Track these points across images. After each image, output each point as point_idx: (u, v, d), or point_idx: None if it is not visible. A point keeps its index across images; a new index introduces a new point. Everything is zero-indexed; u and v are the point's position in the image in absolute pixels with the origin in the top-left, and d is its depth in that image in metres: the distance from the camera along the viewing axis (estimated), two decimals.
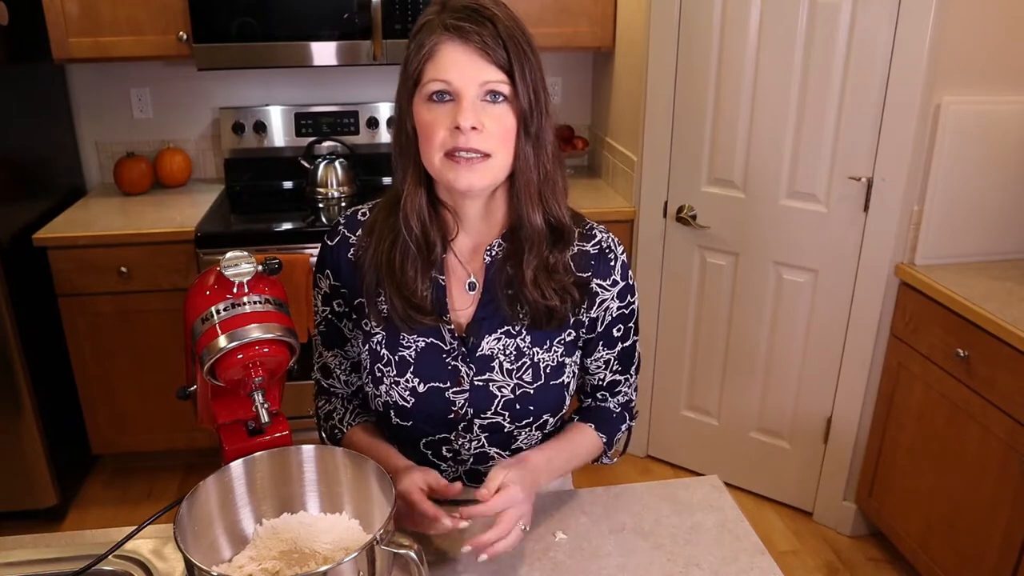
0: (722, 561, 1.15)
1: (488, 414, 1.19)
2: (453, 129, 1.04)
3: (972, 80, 2.18)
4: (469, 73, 1.03)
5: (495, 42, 1.03)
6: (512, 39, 1.04)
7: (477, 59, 1.03)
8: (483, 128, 1.04)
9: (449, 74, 1.03)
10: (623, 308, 1.23)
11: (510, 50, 1.04)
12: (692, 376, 2.85)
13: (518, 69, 1.04)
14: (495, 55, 1.03)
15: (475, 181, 1.07)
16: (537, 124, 1.08)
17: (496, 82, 1.04)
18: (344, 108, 3.05)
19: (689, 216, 2.64)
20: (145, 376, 2.71)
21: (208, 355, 0.98)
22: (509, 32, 1.04)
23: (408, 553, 0.91)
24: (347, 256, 1.20)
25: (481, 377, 1.18)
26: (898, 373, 2.34)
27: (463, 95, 1.03)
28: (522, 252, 1.14)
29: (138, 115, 3.04)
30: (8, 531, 1.24)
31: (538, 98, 1.07)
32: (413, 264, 1.14)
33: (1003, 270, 2.25)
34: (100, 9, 2.57)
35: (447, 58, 1.04)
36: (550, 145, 1.12)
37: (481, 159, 1.05)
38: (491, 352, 1.18)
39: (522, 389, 1.18)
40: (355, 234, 1.21)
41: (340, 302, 1.23)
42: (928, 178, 2.23)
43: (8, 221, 2.45)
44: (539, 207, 1.13)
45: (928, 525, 2.25)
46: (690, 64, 2.52)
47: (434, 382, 1.18)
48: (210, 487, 1.01)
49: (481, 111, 1.04)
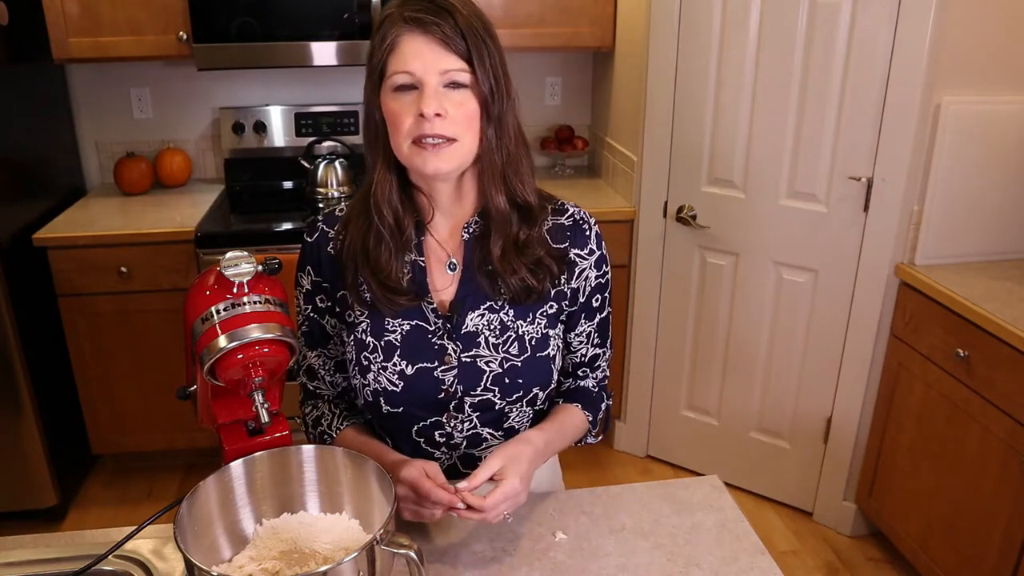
0: (722, 561, 1.15)
1: (478, 390, 1.20)
2: (418, 117, 1.08)
3: (972, 80, 2.18)
4: (430, 62, 1.07)
5: (454, 32, 1.07)
6: (470, 28, 1.08)
7: (437, 48, 1.07)
8: (446, 114, 1.08)
9: (411, 65, 1.07)
10: (600, 278, 1.27)
11: (468, 39, 1.08)
12: (692, 376, 2.85)
13: (477, 57, 1.08)
14: (454, 44, 1.07)
15: (441, 165, 1.11)
16: (499, 108, 1.12)
17: (456, 70, 1.08)
18: (344, 108, 3.05)
19: (689, 216, 2.64)
20: (145, 376, 2.71)
21: (208, 355, 0.98)
22: (467, 22, 1.08)
23: (408, 553, 0.91)
24: (327, 250, 1.23)
25: (468, 353, 1.19)
26: (898, 373, 2.34)
27: (426, 83, 1.07)
28: (491, 232, 1.18)
29: (138, 115, 3.04)
30: (8, 531, 1.24)
31: (498, 83, 1.11)
32: (387, 248, 1.17)
33: (1003, 270, 2.25)
34: (100, 9, 2.57)
35: (408, 49, 1.08)
36: (513, 128, 1.16)
37: (447, 144, 1.10)
38: (476, 328, 1.19)
39: (509, 362, 1.20)
40: (333, 228, 1.24)
41: (323, 297, 1.25)
42: (928, 178, 2.23)
43: (8, 221, 2.45)
44: (503, 188, 1.17)
45: (928, 525, 2.25)
46: (690, 64, 2.52)
47: (422, 362, 1.19)
48: (210, 487, 1.01)
49: (444, 98, 1.08)
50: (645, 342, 2.88)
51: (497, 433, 1.25)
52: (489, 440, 1.25)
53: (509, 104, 1.14)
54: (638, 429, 3.02)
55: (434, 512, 1.08)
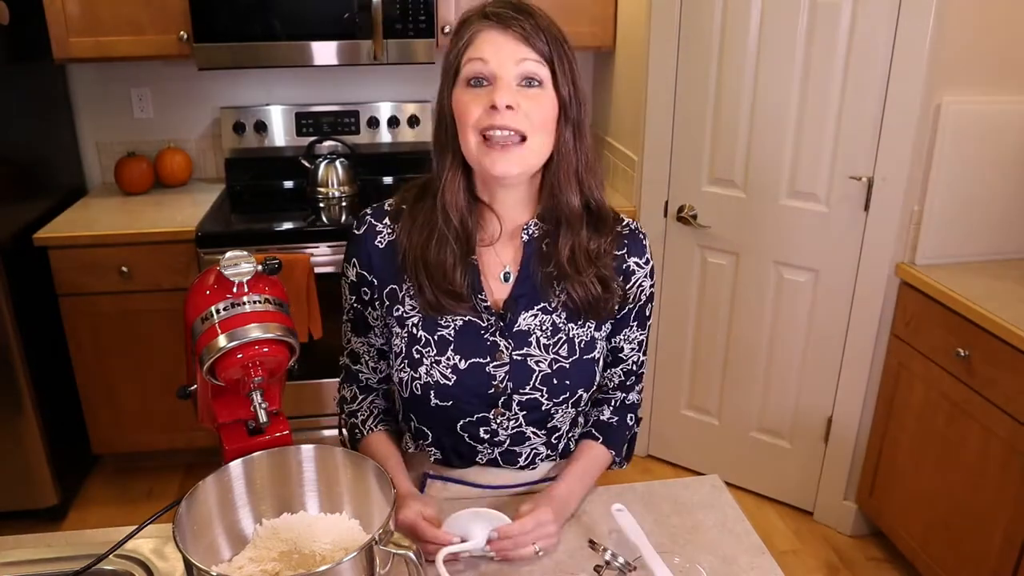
0: (722, 561, 1.15)
1: (527, 388, 1.21)
2: (489, 109, 1.07)
3: (972, 80, 2.18)
4: (507, 54, 1.07)
5: (534, 30, 1.08)
6: (550, 31, 1.10)
7: (516, 43, 1.07)
8: (519, 108, 1.07)
9: (485, 53, 1.07)
10: (652, 288, 1.28)
11: (548, 40, 1.09)
12: (693, 375, 2.85)
13: (557, 58, 1.09)
14: (533, 42, 1.08)
15: (510, 168, 1.09)
16: (577, 113, 1.13)
17: (534, 62, 1.08)
18: (345, 108, 3.05)
19: (690, 216, 2.64)
20: (145, 376, 2.71)
21: (208, 354, 0.98)
22: (547, 24, 1.10)
23: (407, 553, 0.92)
24: (375, 244, 1.22)
25: (520, 352, 1.20)
26: (898, 373, 2.34)
27: (499, 76, 1.07)
28: (559, 231, 1.17)
29: (139, 115, 3.04)
30: (8, 531, 1.24)
31: (576, 88, 1.12)
32: (452, 254, 1.16)
33: (1003, 270, 2.25)
34: (100, 9, 2.57)
35: (486, 43, 1.08)
36: (588, 135, 1.17)
37: (517, 143, 1.08)
38: (528, 328, 1.20)
39: (558, 364, 1.21)
40: (383, 221, 1.23)
41: (366, 291, 1.24)
42: (928, 178, 2.23)
43: (8, 221, 2.45)
44: (578, 190, 1.17)
45: (928, 525, 2.25)
46: (691, 64, 2.52)
47: (475, 358, 1.20)
48: (209, 487, 1.01)
49: (518, 93, 1.08)
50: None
51: (540, 432, 1.26)
52: (532, 439, 1.26)
53: (586, 112, 1.15)
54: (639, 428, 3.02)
55: (432, 552, 1.08)
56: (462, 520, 1.12)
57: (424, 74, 3.05)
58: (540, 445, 1.28)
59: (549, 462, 1.32)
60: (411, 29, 2.65)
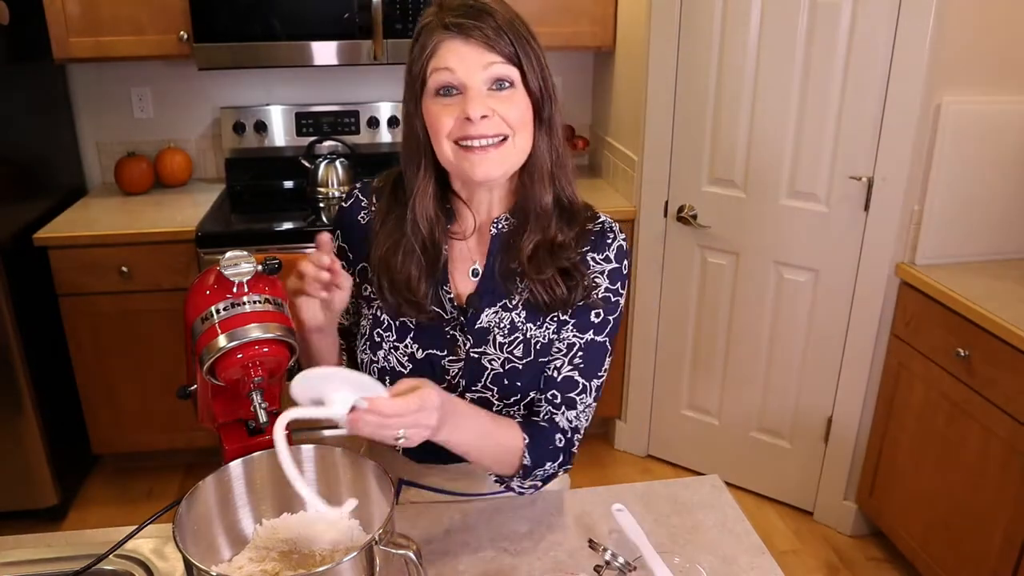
0: (722, 561, 1.15)
1: (478, 387, 1.19)
2: (462, 120, 1.05)
3: (972, 80, 2.18)
4: (472, 61, 1.05)
5: (497, 34, 1.04)
6: (513, 28, 1.06)
7: (480, 50, 1.04)
8: (493, 115, 1.06)
9: (451, 63, 1.05)
10: (609, 292, 1.19)
11: (513, 39, 1.05)
12: (692, 375, 2.85)
13: (524, 56, 1.06)
14: (499, 46, 1.05)
15: (492, 169, 1.09)
16: (548, 110, 1.11)
17: (501, 64, 1.05)
18: (345, 108, 3.05)
19: (690, 216, 2.64)
20: (145, 376, 2.71)
21: (208, 354, 0.98)
22: (509, 22, 1.06)
23: (407, 553, 0.91)
24: (357, 218, 1.24)
25: (477, 349, 1.19)
26: (898, 373, 2.34)
27: (469, 86, 1.05)
28: (526, 227, 1.16)
29: (139, 115, 3.04)
30: (8, 531, 1.24)
31: (546, 84, 1.10)
32: (418, 267, 1.15)
33: (1003, 270, 2.25)
34: (100, 9, 2.57)
35: (449, 52, 1.05)
36: (560, 129, 1.15)
37: (497, 144, 1.07)
38: (488, 325, 1.19)
39: (511, 364, 1.19)
40: (368, 198, 1.25)
41: (343, 264, 1.23)
42: (928, 178, 2.23)
43: (8, 221, 2.45)
44: (550, 187, 1.16)
45: (929, 525, 2.25)
46: (691, 64, 2.52)
47: (432, 349, 1.19)
48: (209, 487, 1.01)
49: (489, 99, 1.06)
50: (645, 342, 2.88)
51: None
52: None
53: (556, 106, 1.13)
54: (639, 428, 3.02)
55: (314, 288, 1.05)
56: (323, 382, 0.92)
57: None
58: None
59: None
60: (411, 29, 2.63)
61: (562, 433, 1.19)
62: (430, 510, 1.25)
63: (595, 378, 1.21)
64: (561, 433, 1.19)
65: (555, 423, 1.19)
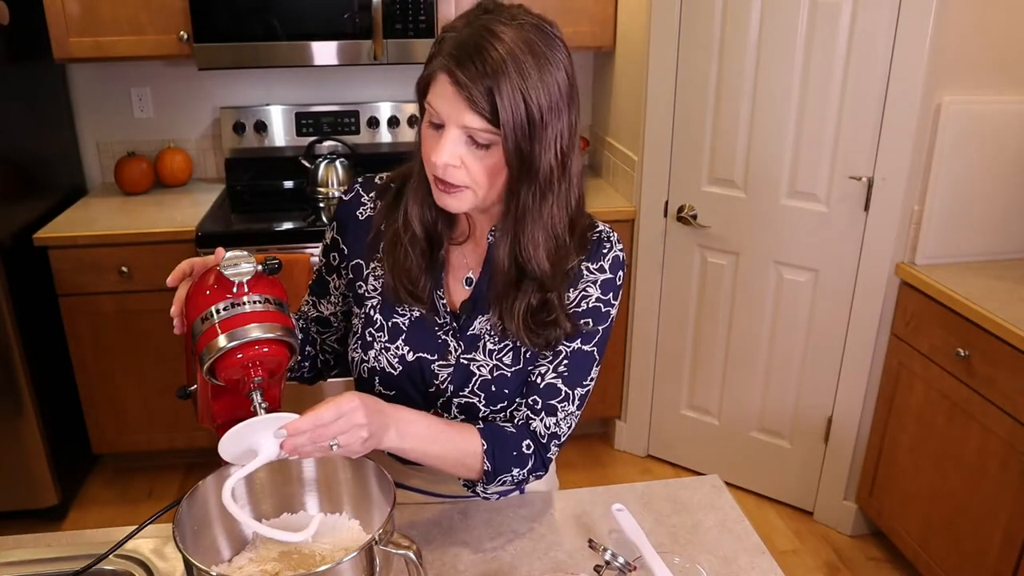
0: (722, 561, 1.15)
1: (465, 392, 1.19)
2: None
3: (972, 80, 2.18)
4: (454, 113, 1.00)
5: (481, 92, 0.97)
6: (519, 93, 0.98)
7: (464, 108, 0.99)
8: (461, 165, 1.02)
9: (438, 105, 1.02)
10: (600, 303, 1.17)
11: (512, 106, 0.98)
12: (692, 375, 2.85)
13: (518, 125, 0.99)
14: (483, 110, 0.98)
15: (456, 206, 1.07)
16: (546, 176, 1.04)
17: (477, 130, 1.00)
18: (345, 108, 3.05)
19: (690, 216, 2.64)
20: (145, 376, 2.71)
21: (208, 354, 0.98)
22: (516, 86, 0.97)
23: (407, 553, 0.92)
24: (355, 214, 1.23)
25: (467, 355, 1.18)
26: (898, 373, 2.34)
27: (446, 129, 1.02)
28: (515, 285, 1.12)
29: (139, 115, 3.04)
30: (8, 531, 1.24)
31: (555, 152, 1.02)
32: (417, 264, 1.15)
33: (1003, 270, 2.25)
34: (101, 9, 2.57)
35: (440, 94, 1.01)
36: (567, 194, 1.08)
37: (459, 189, 1.05)
38: (479, 332, 1.18)
39: (499, 371, 1.18)
40: (368, 194, 1.23)
41: (335, 256, 1.26)
42: (928, 178, 2.23)
43: (9, 221, 2.45)
44: (543, 247, 1.09)
45: (928, 525, 2.25)
46: (690, 64, 2.52)
47: (422, 352, 1.19)
48: (209, 487, 1.01)
49: (462, 147, 1.02)
50: (645, 341, 2.88)
51: None
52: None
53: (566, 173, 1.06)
54: (638, 428, 3.02)
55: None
56: (244, 435, 0.96)
57: None
58: None
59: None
60: (411, 29, 2.65)
61: (534, 439, 1.17)
62: (430, 510, 1.25)
63: (579, 387, 1.18)
64: (532, 439, 1.16)
65: (528, 428, 1.17)
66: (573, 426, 1.20)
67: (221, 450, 0.96)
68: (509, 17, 1.02)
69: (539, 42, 1.01)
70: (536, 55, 1.00)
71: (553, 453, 1.19)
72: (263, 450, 0.96)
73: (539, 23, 1.05)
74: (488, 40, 0.98)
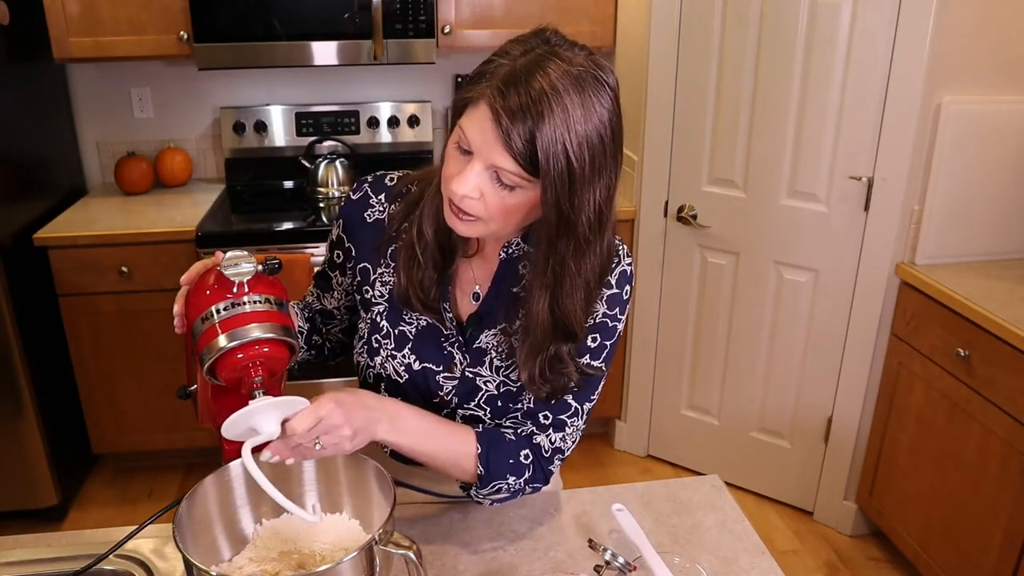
0: (722, 561, 1.15)
1: (471, 406, 1.19)
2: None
3: (972, 80, 2.18)
4: (486, 147, 0.96)
5: (520, 134, 0.92)
6: (553, 139, 0.92)
7: (498, 143, 0.94)
8: (480, 197, 0.99)
9: (472, 134, 0.97)
10: (607, 318, 1.15)
11: (540, 149, 0.92)
12: (692, 375, 2.85)
13: (545, 171, 0.94)
14: (514, 149, 0.93)
15: (466, 231, 1.04)
16: (576, 234, 1.00)
17: (506, 171, 0.95)
18: (345, 108, 3.05)
19: (690, 216, 2.64)
20: (145, 376, 2.71)
21: (208, 354, 0.98)
22: (554, 131, 0.92)
23: (407, 553, 0.92)
24: (363, 215, 1.20)
25: (472, 368, 1.18)
26: (898, 373, 2.34)
27: (473, 161, 0.98)
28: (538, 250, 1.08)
29: (139, 115, 3.04)
30: (8, 531, 1.24)
31: (573, 206, 0.97)
32: (428, 276, 1.13)
33: (1003, 270, 2.25)
34: (101, 9, 2.57)
35: (476, 118, 0.96)
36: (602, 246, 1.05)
37: (472, 218, 1.02)
38: (486, 347, 1.17)
39: (506, 387, 1.18)
40: (377, 196, 1.20)
41: (340, 254, 1.24)
42: (928, 178, 2.23)
43: (8, 221, 2.45)
44: (548, 300, 1.06)
45: (929, 525, 2.25)
46: (690, 64, 2.52)
47: (428, 363, 1.18)
48: (209, 487, 1.01)
49: (485, 182, 0.98)
50: (645, 341, 2.88)
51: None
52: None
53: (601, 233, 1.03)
54: (638, 428, 3.02)
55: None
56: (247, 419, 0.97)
57: (424, 74, 3.05)
58: None
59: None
60: (411, 29, 2.65)
61: (535, 451, 1.16)
62: (430, 510, 1.25)
63: (587, 401, 1.18)
64: (533, 451, 1.15)
65: (530, 440, 1.16)
66: (578, 440, 1.20)
67: (224, 429, 0.97)
68: (569, 58, 0.98)
69: (592, 90, 0.97)
70: (584, 103, 0.95)
71: (556, 467, 1.18)
72: (264, 430, 0.97)
73: (598, 69, 1.00)
74: (541, 80, 0.93)
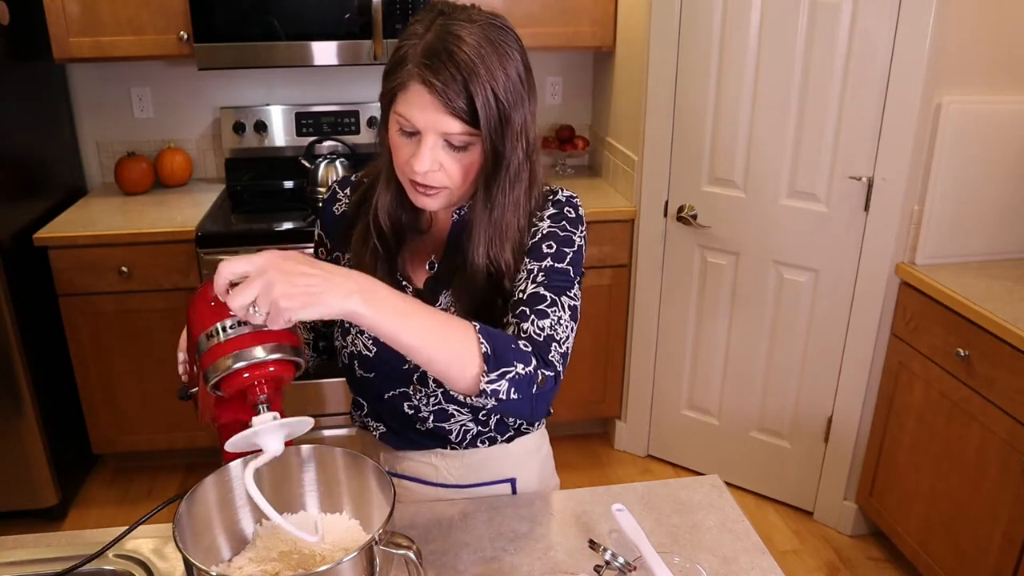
0: (722, 561, 1.15)
1: None
2: (412, 161, 1.07)
3: (972, 80, 2.18)
4: (431, 120, 1.03)
5: (457, 94, 1.01)
6: (487, 97, 1.02)
7: (441, 113, 1.02)
8: (440, 168, 1.07)
9: (413, 115, 1.04)
10: (554, 228, 1.16)
11: (485, 104, 1.02)
12: (692, 375, 2.85)
13: (493, 123, 1.03)
14: (461, 112, 1.02)
15: (434, 205, 1.13)
16: (508, 172, 1.09)
17: (456, 134, 1.04)
18: (345, 108, 3.05)
19: (690, 216, 2.64)
20: (145, 376, 2.71)
21: (214, 373, 0.95)
22: (485, 89, 1.01)
23: (407, 553, 0.91)
24: (332, 210, 1.31)
25: None
26: (898, 373, 2.34)
27: (424, 137, 1.05)
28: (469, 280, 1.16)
29: (139, 115, 3.04)
30: (8, 531, 1.24)
31: (506, 147, 1.06)
32: (373, 255, 1.20)
33: (1003, 270, 2.25)
34: (101, 9, 2.57)
35: (413, 103, 1.03)
36: (526, 187, 1.13)
37: (437, 191, 1.10)
38: (447, 306, 1.21)
39: None
40: (344, 191, 1.32)
41: (322, 251, 1.33)
42: (928, 178, 2.23)
43: (9, 221, 2.45)
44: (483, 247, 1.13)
45: (928, 525, 2.25)
46: (690, 64, 2.52)
47: None
48: (209, 487, 1.01)
49: (440, 153, 1.06)
50: (645, 342, 2.88)
51: (463, 409, 1.25)
52: (456, 416, 1.26)
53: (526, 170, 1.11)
54: (639, 428, 3.02)
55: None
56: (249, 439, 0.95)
57: None
58: (468, 422, 1.27)
59: (490, 443, 1.29)
60: None
61: (530, 340, 1.07)
62: (430, 510, 1.25)
63: (565, 296, 1.12)
64: (528, 340, 1.06)
65: (518, 333, 1.09)
66: (571, 339, 1.11)
67: (228, 447, 0.97)
68: (467, 18, 1.05)
69: (498, 38, 1.05)
70: (498, 52, 1.04)
71: (554, 356, 1.07)
72: (268, 449, 0.96)
73: (493, 19, 1.08)
74: (455, 44, 1.01)
